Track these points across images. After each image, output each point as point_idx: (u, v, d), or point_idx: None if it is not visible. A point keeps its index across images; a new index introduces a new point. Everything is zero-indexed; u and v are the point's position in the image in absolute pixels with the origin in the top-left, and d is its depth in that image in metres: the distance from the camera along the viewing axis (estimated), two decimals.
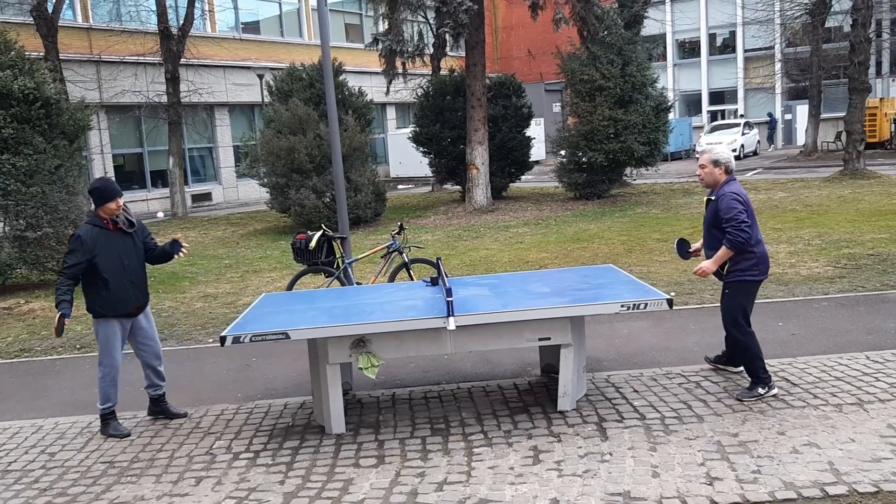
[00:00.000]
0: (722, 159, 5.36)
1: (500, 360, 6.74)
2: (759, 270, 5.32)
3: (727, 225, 5.18)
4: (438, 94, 20.76)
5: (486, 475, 4.43)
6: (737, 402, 5.25)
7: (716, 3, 37.69)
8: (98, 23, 24.16)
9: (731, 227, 5.15)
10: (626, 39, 18.38)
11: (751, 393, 5.30)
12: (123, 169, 25.14)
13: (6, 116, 11.10)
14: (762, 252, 5.33)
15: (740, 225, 5.13)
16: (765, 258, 5.37)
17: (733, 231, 5.14)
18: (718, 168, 5.36)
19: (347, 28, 34.02)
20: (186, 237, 17.87)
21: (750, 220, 5.21)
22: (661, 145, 19.27)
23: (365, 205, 17.30)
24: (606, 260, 10.88)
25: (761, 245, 5.35)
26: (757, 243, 5.29)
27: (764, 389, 5.29)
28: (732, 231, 5.15)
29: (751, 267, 5.27)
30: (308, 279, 9.79)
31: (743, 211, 5.17)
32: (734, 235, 5.14)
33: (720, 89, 38.78)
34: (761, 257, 5.32)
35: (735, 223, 5.14)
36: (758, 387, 5.31)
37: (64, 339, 8.76)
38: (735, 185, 5.35)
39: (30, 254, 11.55)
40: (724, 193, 5.27)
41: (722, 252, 5.24)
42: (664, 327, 7.41)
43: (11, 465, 5.16)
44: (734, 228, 5.14)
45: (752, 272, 5.29)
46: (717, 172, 5.36)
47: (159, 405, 5.89)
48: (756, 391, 5.29)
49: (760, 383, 5.31)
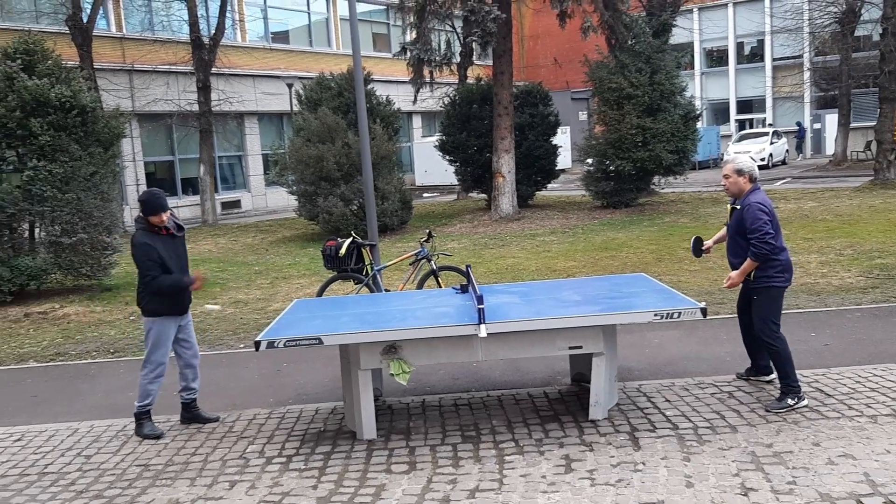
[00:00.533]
0: (745, 168, 5.45)
1: (530, 368, 6.74)
2: (785, 277, 5.40)
3: (752, 236, 5.27)
4: (465, 103, 20.82)
5: (518, 483, 4.43)
6: (771, 413, 5.21)
7: (744, 11, 37.43)
8: (131, 32, 24.55)
9: (756, 238, 5.24)
10: (655, 48, 18.31)
11: (780, 404, 5.27)
12: (155, 176, 25.47)
13: (43, 124, 11.31)
14: (787, 259, 5.41)
15: (764, 237, 5.22)
16: (790, 265, 5.45)
17: (758, 243, 5.24)
18: (743, 177, 5.44)
19: (375, 38, 34.26)
20: (217, 244, 18.07)
21: (774, 229, 5.29)
22: (690, 154, 19.16)
23: (391, 213, 17.38)
24: (635, 269, 10.83)
25: (785, 252, 5.42)
26: (781, 251, 5.36)
27: (794, 400, 5.26)
28: (757, 243, 5.24)
29: (777, 273, 5.35)
30: (337, 286, 9.86)
31: (768, 222, 5.25)
32: (759, 248, 5.24)
33: (748, 98, 38.46)
34: (786, 264, 5.40)
35: (760, 234, 5.23)
36: (787, 397, 5.28)
37: (97, 344, 8.90)
38: (760, 195, 5.42)
39: (65, 259, 11.75)
40: (750, 204, 5.34)
41: (747, 264, 5.33)
42: (696, 337, 7.37)
43: (48, 467, 5.25)
44: (758, 240, 5.24)
45: (777, 279, 5.36)
46: (741, 181, 5.44)
47: (191, 411, 5.97)
48: (786, 402, 5.26)
49: (790, 393, 5.28)
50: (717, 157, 32.91)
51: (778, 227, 5.37)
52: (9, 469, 5.24)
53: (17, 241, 11.85)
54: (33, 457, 5.44)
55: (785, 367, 5.30)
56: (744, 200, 5.40)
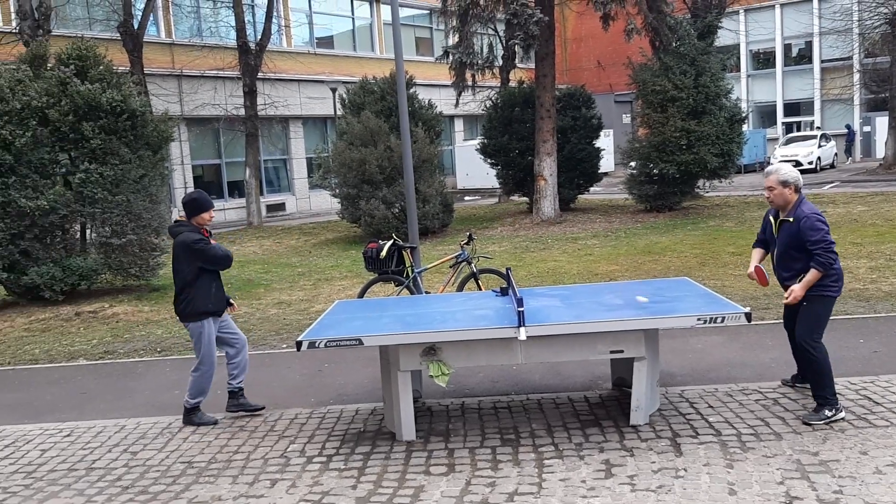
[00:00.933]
0: (790, 179, 5.24)
1: (571, 372, 6.70)
2: (838, 287, 5.23)
3: (816, 247, 5.07)
4: (507, 106, 20.79)
5: (557, 487, 4.41)
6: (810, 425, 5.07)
7: (791, 13, 36.75)
8: (180, 38, 25.06)
9: (821, 248, 5.06)
10: (700, 50, 18.08)
11: (818, 416, 5.09)
12: (202, 179, 25.96)
13: (95, 128, 11.60)
14: (840, 268, 5.25)
15: (829, 246, 5.07)
16: (842, 274, 5.29)
17: (823, 253, 5.06)
18: (788, 188, 5.24)
19: (418, 42, 34.44)
20: (262, 245, 18.32)
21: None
22: (735, 157, 18.86)
23: (433, 216, 17.44)
24: (679, 273, 10.70)
25: (839, 261, 5.25)
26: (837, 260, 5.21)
27: (831, 412, 5.07)
28: (822, 253, 5.06)
29: (832, 283, 5.17)
30: (378, 287, 9.93)
31: (829, 233, 5.11)
32: (825, 258, 5.06)
33: (796, 101, 37.73)
34: (840, 273, 5.24)
35: (824, 245, 5.06)
36: (825, 409, 5.10)
37: (145, 343, 9.10)
38: (810, 205, 5.27)
39: (114, 260, 12.03)
40: (807, 216, 5.15)
41: (812, 275, 5.11)
42: (740, 342, 7.25)
43: (96, 462, 5.37)
44: (823, 250, 5.06)
45: (832, 288, 5.19)
46: (787, 193, 5.24)
47: (238, 399, 6.12)
48: (823, 413, 5.08)
49: (827, 405, 5.10)
50: (763, 160, 32.35)
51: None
52: (58, 464, 5.38)
53: (69, 242, 12.18)
54: (82, 452, 5.58)
55: (822, 379, 5.12)
56: (797, 213, 5.20)
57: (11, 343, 9.56)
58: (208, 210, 6.00)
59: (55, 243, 11.86)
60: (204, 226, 6.00)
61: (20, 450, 5.72)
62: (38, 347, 9.24)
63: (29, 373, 8.12)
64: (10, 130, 11.05)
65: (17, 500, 4.79)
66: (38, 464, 5.41)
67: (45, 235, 11.64)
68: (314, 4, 29.71)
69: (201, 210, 5.95)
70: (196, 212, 5.94)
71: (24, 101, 11.33)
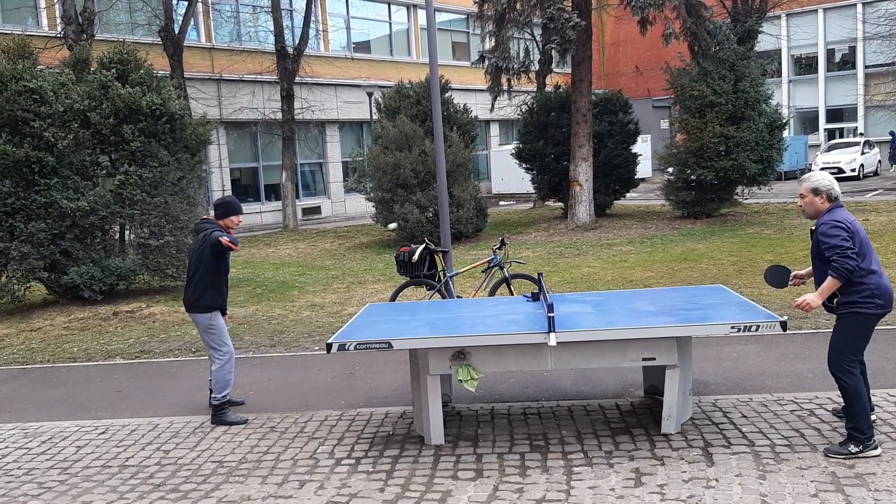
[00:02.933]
0: (822, 187, 4.82)
1: (602, 379, 6.64)
2: (876, 304, 4.67)
3: (830, 253, 4.63)
4: (543, 111, 20.71)
5: (585, 495, 4.37)
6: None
7: (834, 17, 36.08)
8: (220, 43, 25.41)
9: (836, 254, 4.60)
10: (739, 55, 17.84)
11: (841, 449, 4.66)
12: (240, 182, 26.26)
13: (135, 130, 11.81)
14: (877, 283, 4.69)
15: (845, 251, 4.58)
16: (883, 289, 4.70)
17: (838, 258, 4.59)
18: (819, 197, 4.83)
19: (454, 47, 34.50)
20: (297, 248, 18.47)
21: (858, 247, 4.66)
22: (775, 163, 18.54)
23: (466, 220, 17.42)
24: (715, 280, 10.54)
25: (876, 276, 4.71)
26: (869, 273, 4.68)
27: (858, 448, 4.61)
28: (837, 258, 4.59)
29: (863, 299, 4.66)
30: (410, 291, 9.94)
31: (847, 238, 4.62)
32: (840, 263, 4.58)
33: (838, 107, 37.01)
34: (877, 288, 4.68)
35: (839, 251, 4.59)
36: (850, 443, 4.65)
37: (180, 343, 9.21)
38: (840, 213, 4.78)
39: (152, 261, 12.22)
40: (825, 221, 4.75)
41: (828, 283, 4.66)
42: (776, 352, 7.12)
43: (129, 460, 5.45)
44: (839, 256, 4.59)
45: (863, 305, 4.67)
46: (817, 202, 4.84)
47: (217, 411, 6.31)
48: (848, 448, 4.63)
49: (854, 440, 4.64)
50: (804, 167, 31.78)
51: (869, 246, 4.75)
52: (93, 461, 5.47)
53: (109, 242, 12.40)
54: (116, 449, 5.67)
55: (853, 407, 4.66)
56: (819, 220, 4.83)
57: (51, 341, 9.75)
58: (237, 214, 6.32)
59: (95, 244, 12.08)
60: (230, 228, 6.25)
61: (56, 446, 5.83)
62: (77, 346, 9.41)
63: (67, 371, 8.27)
64: (53, 133, 11.29)
65: (52, 496, 4.87)
66: (74, 460, 5.50)
67: (85, 236, 11.86)
68: (352, 9, 29.92)
69: (231, 213, 6.27)
70: (226, 214, 6.23)
71: (66, 103, 11.57)
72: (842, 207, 4.86)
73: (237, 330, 9.63)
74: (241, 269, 15.26)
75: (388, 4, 31.21)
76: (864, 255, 4.69)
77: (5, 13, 21.10)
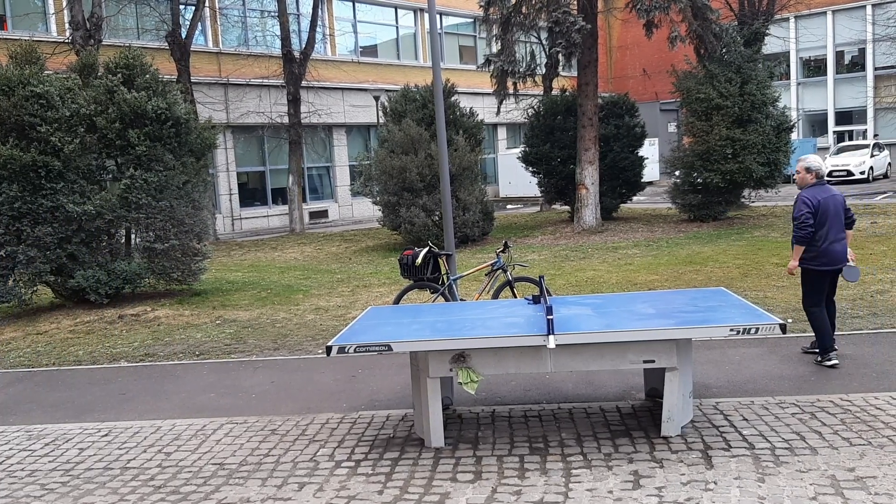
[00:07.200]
0: (813, 167, 6.49)
1: (603, 381, 6.63)
2: (819, 263, 6.40)
3: (794, 222, 6.35)
4: (549, 114, 20.72)
5: (583, 497, 4.36)
6: (855, 436, 4.96)
7: (843, 19, 35.96)
8: (227, 48, 25.54)
9: (795, 224, 6.35)
10: (746, 57, 17.79)
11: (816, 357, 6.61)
12: (247, 186, 26.38)
13: (140, 135, 11.86)
14: (825, 249, 6.36)
15: (803, 223, 6.29)
16: (827, 253, 6.37)
17: (796, 227, 6.36)
18: (810, 174, 6.46)
19: (462, 50, 34.55)
20: (303, 252, 18.52)
21: (819, 219, 6.28)
22: (782, 166, 18.47)
23: (473, 223, 17.43)
24: (720, 284, 10.51)
25: (829, 243, 6.33)
26: (824, 241, 6.31)
27: (820, 358, 6.52)
28: (795, 227, 6.36)
29: (812, 258, 6.40)
30: (414, 294, 9.95)
31: (809, 213, 6.28)
32: (796, 231, 6.37)
33: (848, 109, 36.86)
34: (823, 252, 6.37)
35: (798, 221, 6.33)
36: (819, 355, 6.54)
37: (184, 346, 9.25)
38: (814, 191, 6.38)
39: (157, 264, 12.27)
40: (801, 195, 6.40)
41: (794, 249, 6.42)
42: (779, 355, 7.09)
43: (130, 462, 5.47)
44: (796, 225, 6.35)
45: (811, 262, 6.42)
46: (808, 177, 6.46)
47: None
48: (818, 358, 6.58)
49: (821, 353, 6.49)
50: None
51: (831, 221, 6.30)
52: (95, 462, 5.49)
53: (115, 246, 12.45)
54: (118, 452, 5.69)
55: (818, 332, 6.49)
56: (800, 192, 6.43)
57: (57, 344, 9.81)
58: None
59: (101, 248, 12.14)
60: None
61: (59, 448, 5.86)
62: (82, 349, 9.46)
63: (72, 373, 8.32)
64: (60, 137, 11.36)
65: (53, 497, 4.90)
66: (76, 462, 5.53)
67: (91, 240, 11.92)
68: (359, 13, 30.03)
69: None
70: None
71: (72, 108, 11.64)
72: (824, 185, 6.46)
73: (241, 333, 9.67)
74: (246, 273, 15.31)
75: (395, 8, 31.30)
76: (823, 226, 6.31)
77: (15, 19, 21.27)
